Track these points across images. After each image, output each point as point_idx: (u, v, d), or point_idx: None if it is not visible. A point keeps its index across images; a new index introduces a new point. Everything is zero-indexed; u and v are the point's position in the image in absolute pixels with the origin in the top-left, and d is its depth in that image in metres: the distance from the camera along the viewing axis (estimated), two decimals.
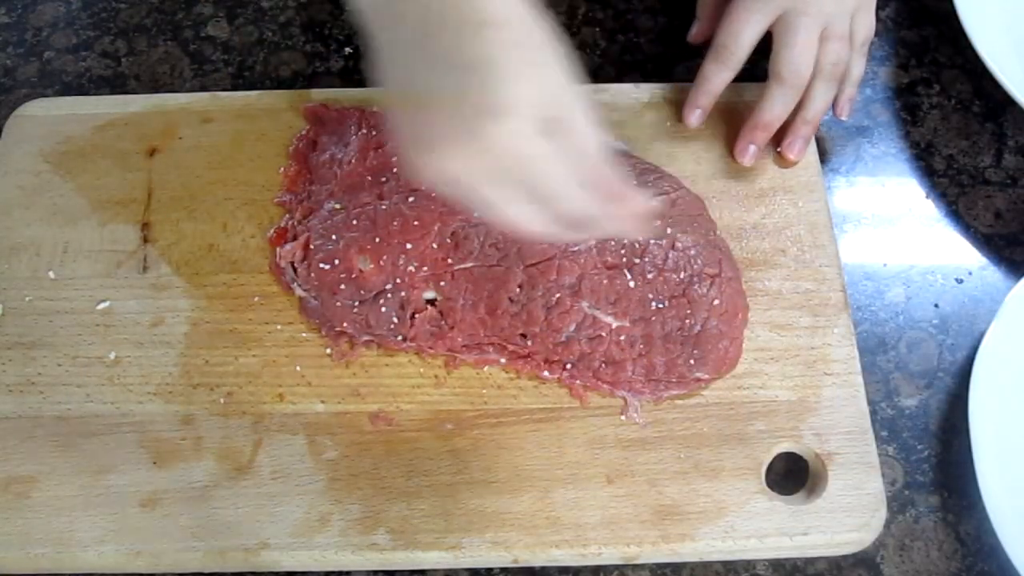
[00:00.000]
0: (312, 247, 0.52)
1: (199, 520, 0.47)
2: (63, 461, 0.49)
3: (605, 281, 0.49)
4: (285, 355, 0.52)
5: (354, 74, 0.65)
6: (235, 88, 0.64)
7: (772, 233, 0.55)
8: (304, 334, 0.52)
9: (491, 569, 0.49)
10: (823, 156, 0.60)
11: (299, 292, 0.52)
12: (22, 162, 0.58)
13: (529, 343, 0.49)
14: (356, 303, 0.50)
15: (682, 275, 0.49)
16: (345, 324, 0.51)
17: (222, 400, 0.50)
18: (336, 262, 0.50)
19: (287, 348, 0.52)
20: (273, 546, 0.47)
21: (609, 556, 0.47)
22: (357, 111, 0.57)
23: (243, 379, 0.51)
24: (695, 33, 0.62)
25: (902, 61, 0.65)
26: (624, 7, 0.68)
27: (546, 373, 0.50)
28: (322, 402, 0.50)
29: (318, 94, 0.60)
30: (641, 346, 0.49)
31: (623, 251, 0.49)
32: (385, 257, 0.50)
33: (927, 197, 0.60)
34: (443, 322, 0.50)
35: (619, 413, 0.50)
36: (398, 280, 0.50)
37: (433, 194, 0.51)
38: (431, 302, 0.50)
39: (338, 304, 0.50)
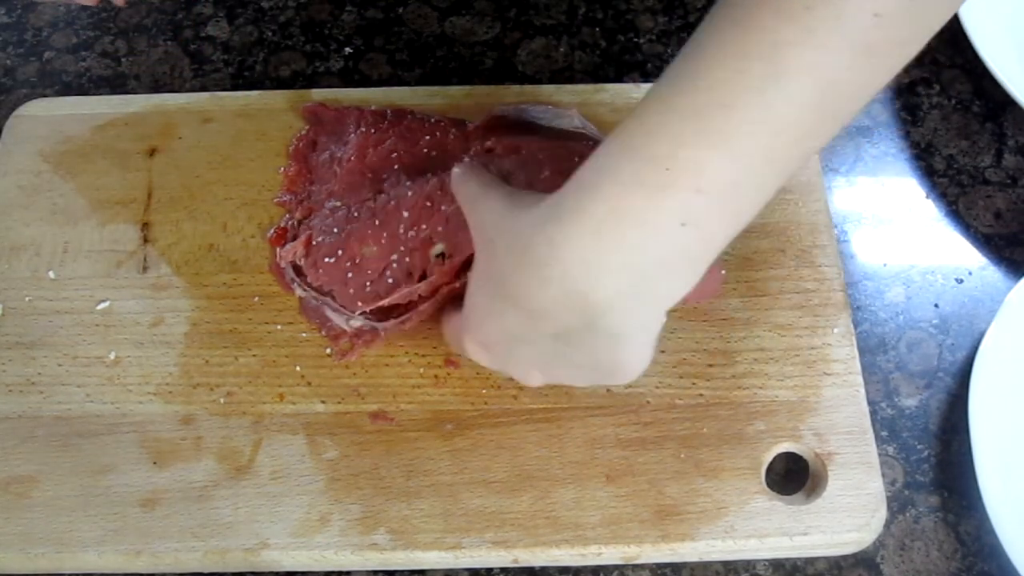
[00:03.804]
0: (314, 244, 0.52)
1: (199, 520, 0.47)
2: (63, 461, 0.49)
3: None
4: (285, 355, 0.52)
5: (354, 74, 0.65)
6: (235, 88, 0.64)
7: (772, 233, 0.55)
8: (304, 334, 0.52)
9: (491, 569, 0.49)
10: (823, 156, 0.60)
11: (299, 292, 0.52)
12: (22, 162, 0.58)
13: None
14: (368, 284, 0.50)
15: None
16: (360, 303, 0.50)
17: (222, 400, 0.50)
18: (339, 253, 0.50)
19: (287, 348, 0.52)
20: (273, 546, 0.47)
21: (609, 556, 0.47)
22: (356, 110, 0.57)
23: (243, 379, 0.51)
24: None
25: None
26: (624, 7, 0.68)
27: None
28: (322, 402, 0.50)
29: (318, 94, 0.60)
30: None
31: None
32: (385, 234, 0.50)
33: (927, 197, 0.60)
34: (452, 259, 0.49)
35: (620, 412, 0.50)
36: (401, 248, 0.50)
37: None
38: (440, 256, 0.49)
39: (351, 291, 0.50)
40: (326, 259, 0.51)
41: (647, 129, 0.37)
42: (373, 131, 0.55)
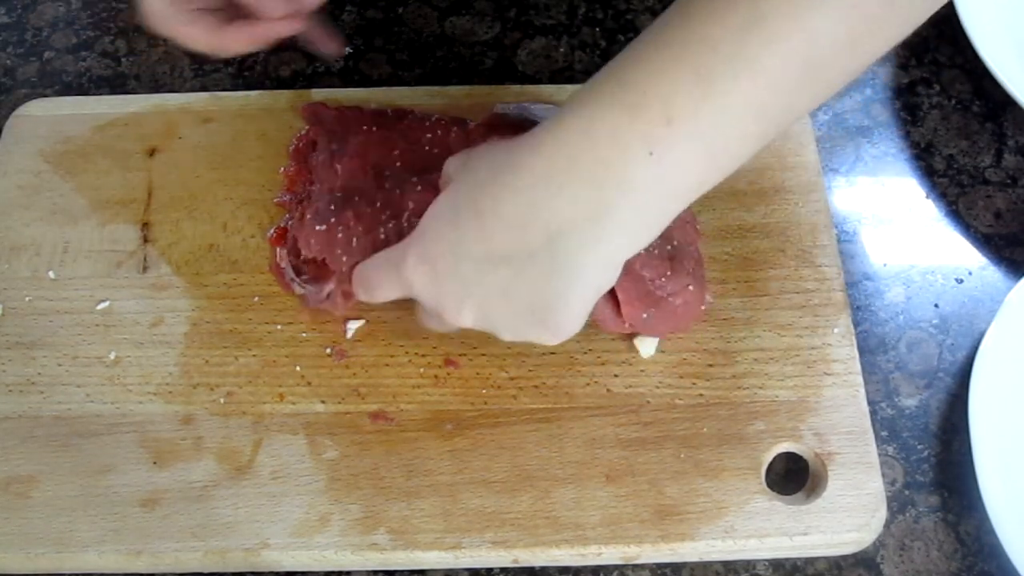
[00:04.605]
0: (307, 218, 0.51)
1: (199, 520, 0.47)
2: (63, 461, 0.49)
3: None
4: (285, 355, 0.52)
5: (354, 74, 0.65)
6: (235, 88, 0.64)
7: (772, 233, 0.55)
8: (304, 334, 0.52)
9: (491, 569, 0.49)
10: (823, 156, 0.60)
11: (298, 291, 0.52)
12: (22, 162, 0.58)
13: None
14: (355, 240, 0.50)
15: (668, 247, 0.49)
16: (345, 258, 0.49)
17: (222, 400, 0.50)
18: (332, 220, 0.50)
19: (287, 348, 0.52)
20: (273, 546, 0.47)
21: (609, 556, 0.47)
22: (356, 109, 0.57)
23: (243, 379, 0.51)
24: None
25: (902, 61, 0.65)
26: (624, 7, 0.68)
27: None
28: (322, 402, 0.50)
29: (318, 94, 0.60)
30: None
31: None
32: (388, 212, 0.50)
33: (927, 197, 0.60)
34: None
35: (620, 412, 0.50)
36: (403, 221, 0.49)
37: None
38: None
39: (339, 251, 0.50)
40: (317, 227, 0.50)
41: (631, 57, 0.38)
42: (374, 129, 0.55)
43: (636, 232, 0.40)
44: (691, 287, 0.49)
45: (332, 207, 0.51)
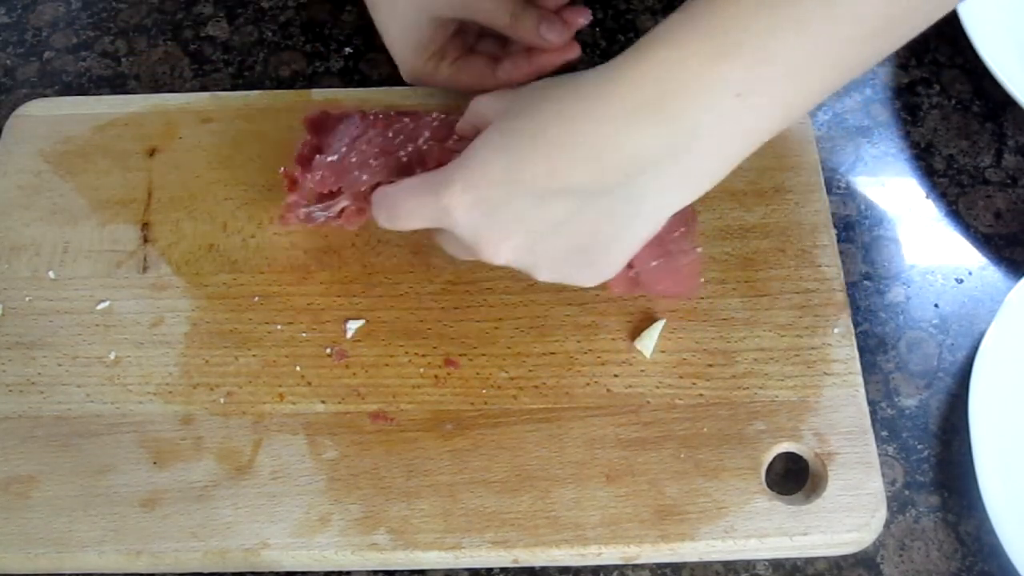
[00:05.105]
0: (318, 157, 0.51)
1: (199, 520, 0.47)
2: (63, 461, 0.49)
3: None
4: (285, 355, 0.52)
5: (354, 74, 0.65)
6: (235, 88, 0.64)
7: (772, 233, 0.55)
8: (304, 334, 0.52)
9: (491, 569, 0.49)
10: (823, 156, 0.60)
11: (303, 212, 0.52)
12: (22, 162, 0.58)
13: None
14: (373, 160, 0.49)
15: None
16: (365, 177, 0.49)
17: (222, 400, 0.50)
18: (344, 150, 0.50)
19: (287, 348, 0.52)
20: (273, 546, 0.47)
21: (609, 556, 0.47)
22: (359, 112, 0.56)
23: (243, 379, 0.51)
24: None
25: (902, 61, 0.65)
26: (624, 7, 0.68)
27: None
28: (322, 402, 0.50)
29: (318, 94, 0.60)
30: None
31: None
32: (391, 134, 0.50)
33: (927, 197, 0.60)
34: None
35: (620, 412, 0.50)
36: (422, 145, 0.49)
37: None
38: None
39: (356, 173, 0.49)
40: (330, 159, 0.50)
41: (711, 3, 0.37)
42: (379, 127, 0.54)
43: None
44: (699, 250, 0.49)
45: (343, 142, 0.51)
